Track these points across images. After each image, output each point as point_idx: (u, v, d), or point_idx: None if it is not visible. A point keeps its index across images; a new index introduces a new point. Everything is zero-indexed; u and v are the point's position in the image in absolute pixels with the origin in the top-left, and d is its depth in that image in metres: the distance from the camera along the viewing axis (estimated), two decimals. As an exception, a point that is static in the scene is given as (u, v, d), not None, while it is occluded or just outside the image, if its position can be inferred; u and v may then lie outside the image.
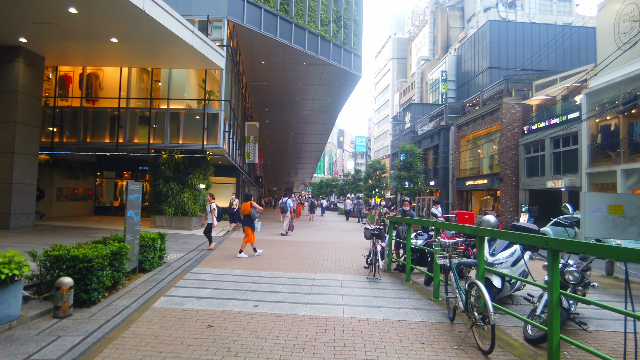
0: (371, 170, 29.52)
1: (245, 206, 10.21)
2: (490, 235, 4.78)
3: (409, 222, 7.66)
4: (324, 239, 14.95)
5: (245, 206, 10.22)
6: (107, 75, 16.45)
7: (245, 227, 10.25)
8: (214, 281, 6.87)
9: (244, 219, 10.31)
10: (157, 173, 15.75)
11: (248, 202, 10.23)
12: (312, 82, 23.53)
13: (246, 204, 10.23)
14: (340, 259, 10.12)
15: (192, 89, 16.68)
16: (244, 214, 10.24)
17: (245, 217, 10.24)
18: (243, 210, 10.26)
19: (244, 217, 10.33)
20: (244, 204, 10.31)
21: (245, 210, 10.19)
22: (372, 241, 8.19)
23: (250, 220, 10.19)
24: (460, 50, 54.93)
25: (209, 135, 15.47)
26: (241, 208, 10.42)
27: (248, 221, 10.20)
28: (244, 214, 10.28)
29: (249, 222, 10.20)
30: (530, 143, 24.53)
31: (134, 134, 15.63)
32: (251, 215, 10.13)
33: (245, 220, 10.28)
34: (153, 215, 15.86)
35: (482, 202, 31.93)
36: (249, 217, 10.16)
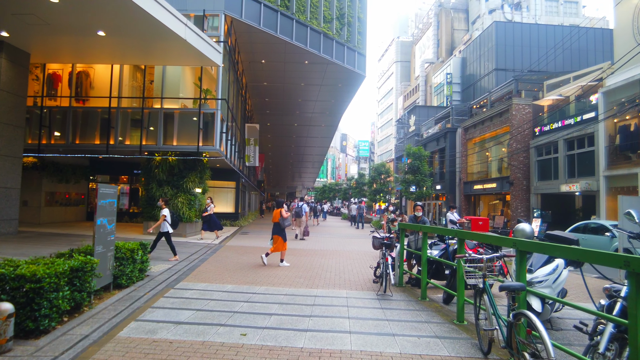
0: (375, 174, 28.54)
1: (276, 214, 9.83)
2: (537, 250, 3.82)
3: (426, 230, 6.68)
4: (326, 247, 13.98)
5: (275, 214, 9.86)
6: (98, 73, 15.62)
7: (274, 236, 9.73)
8: (199, 300, 5.92)
9: (274, 227, 9.82)
10: (150, 176, 14.87)
11: (278, 210, 9.86)
12: (315, 83, 22.66)
13: (276, 211, 9.88)
14: (345, 271, 9.16)
15: (188, 87, 15.82)
16: (274, 221, 9.84)
17: (275, 225, 9.79)
18: (273, 218, 9.90)
19: (273, 225, 9.85)
20: (274, 211, 9.99)
21: (276, 217, 9.79)
22: (382, 251, 7.23)
23: (279, 229, 9.70)
24: (465, 52, 54.07)
25: (205, 136, 14.59)
26: (272, 215, 10.04)
27: (277, 230, 9.73)
28: (273, 221, 9.86)
29: (279, 230, 9.71)
30: (542, 145, 23.52)
31: (126, 135, 14.77)
32: (280, 224, 9.67)
33: (274, 228, 9.80)
34: (146, 221, 14.95)
35: (490, 206, 30.89)
36: (278, 225, 9.70)
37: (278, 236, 9.68)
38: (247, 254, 11.36)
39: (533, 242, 3.84)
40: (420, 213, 7.73)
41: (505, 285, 3.40)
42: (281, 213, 9.73)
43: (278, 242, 9.67)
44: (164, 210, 9.84)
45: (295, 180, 69.12)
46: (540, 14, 58.62)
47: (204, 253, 11.05)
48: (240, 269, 8.75)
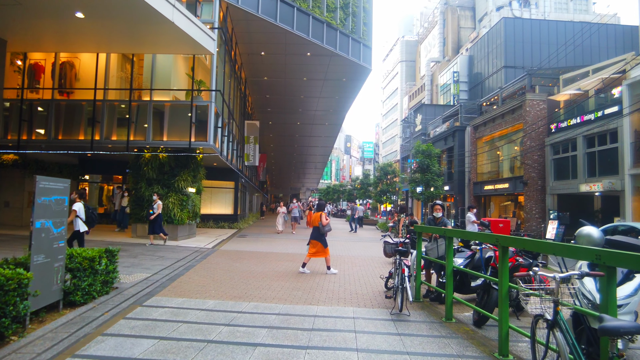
0: (381, 174, 27.28)
1: (315, 217, 8.88)
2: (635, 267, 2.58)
3: (452, 235, 5.45)
4: (330, 251, 12.73)
5: (315, 217, 8.89)
6: (84, 64, 14.51)
7: (312, 241, 8.78)
8: (168, 322, 4.72)
9: (313, 231, 8.86)
10: (139, 175, 13.73)
11: (318, 213, 8.86)
12: (318, 77, 21.48)
13: (316, 214, 8.89)
14: (350, 280, 7.93)
15: (180, 79, 14.70)
16: (313, 225, 8.89)
17: (314, 230, 8.85)
18: (312, 222, 9.00)
19: (312, 230, 8.92)
20: (314, 214, 8.98)
21: (315, 221, 8.85)
22: (395, 260, 6.02)
23: (319, 234, 8.74)
24: (473, 50, 52.81)
25: (197, 131, 13.43)
26: (311, 219, 9.11)
27: (317, 234, 8.76)
28: (312, 225, 8.96)
29: (318, 235, 8.75)
30: (558, 143, 22.18)
31: (113, 130, 13.64)
32: (320, 229, 8.73)
33: (313, 233, 8.83)
34: (134, 224, 13.82)
35: (501, 208, 29.53)
36: (318, 230, 8.76)
37: (317, 241, 8.72)
38: (241, 259, 10.17)
39: (629, 255, 2.61)
40: (440, 214, 6.50)
41: (613, 326, 2.16)
42: (321, 217, 8.74)
43: (318, 247, 8.70)
44: (76, 204, 8.26)
45: (299, 182, 68.00)
46: (550, 11, 57.24)
47: (193, 259, 9.86)
48: (230, 279, 7.55)
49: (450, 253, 5.27)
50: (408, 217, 11.60)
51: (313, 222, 8.92)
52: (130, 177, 14.01)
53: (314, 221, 8.86)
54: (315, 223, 8.79)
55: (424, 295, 6.57)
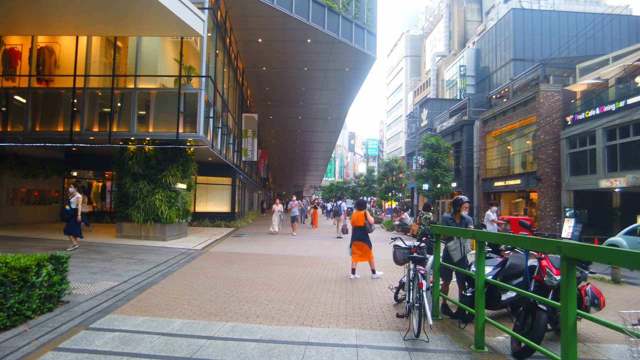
0: (387, 170, 26.04)
1: (358, 216, 8.11)
2: None
3: (484, 238, 4.23)
4: (328, 253, 11.58)
5: (357, 216, 8.12)
6: (64, 50, 13.42)
7: (358, 242, 8.01)
8: (110, 355, 3.57)
9: (356, 232, 8.08)
10: (123, 170, 12.62)
11: (362, 212, 8.16)
12: (319, 67, 20.27)
13: (359, 213, 8.14)
14: (353, 290, 6.76)
15: (168, 65, 13.55)
16: (357, 225, 8.07)
17: (358, 231, 8.07)
18: (355, 221, 8.12)
19: (355, 230, 8.12)
20: (357, 213, 8.20)
21: (359, 221, 8.06)
22: (408, 269, 4.85)
23: (365, 234, 8.04)
24: (480, 43, 51.38)
25: (185, 121, 12.29)
26: (353, 218, 8.21)
27: (362, 235, 8.03)
28: (356, 225, 8.10)
29: (363, 236, 8.03)
30: (575, 136, 20.85)
31: (94, 120, 12.51)
32: (367, 228, 8.05)
33: (357, 233, 8.05)
34: (119, 223, 12.72)
35: (512, 205, 28.23)
36: (363, 230, 8.03)
37: (364, 243, 7.96)
38: (230, 263, 9.02)
39: None
40: (466, 212, 5.30)
41: None
42: (366, 216, 8.05)
43: (364, 249, 7.96)
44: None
45: (302, 179, 66.85)
46: (559, 2, 55.57)
47: (175, 263, 8.73)
48: (211, 289, 6.40)
49: (481, 262, 4.08)
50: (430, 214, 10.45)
51: (356, 222, 8.08)
52: (114, 172, 12.88)
53: (357, 221, 8.06)
54: (359, 223, 8.04)
55: (441, 309, 5.38)
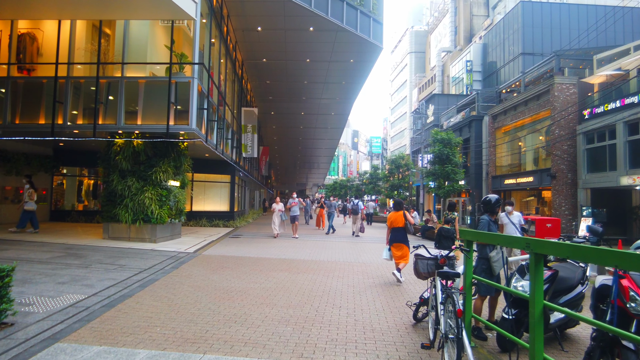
0: (393, 167, 24.97)
1: (397, 217, 7.76)
2: None
3: (544, 250, 3.18)
4: (333, 257, 10.57)
5: (397, 217, 7.76)
6: (47, 37, 12.44)
7: (397, 244, 7.68)
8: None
9: (395, 233, 7.73)
10: (111, 166, 11.65)
11: (400, 212, 7.82)
12: (322, 58, 19.24)
13: (398, 214, 7.79)
14: (363, 304, 5.76)
15: (159, 52, 12.56)
16: (397, 226, 7.72)
17: (397, 232, 7.72)
18: (395, 222, 7.75)
19: (394, 231, 7.75)
20: (395, 214, 7.83)
21: (398, 222, 7.73)
22: (434, 285, 3.85)
23: (404, 236, 7.74)
24: (487, 38, 50.19)
25: (177, 113, 11.31)
26: (392, 219, 7.83)
27: (402, 236, 7.71)
28: (395, 226, 7.74)
29: (405, 237, 7.75)
30: (593, 130, 19.72)
31: (78, 112, 11.55)
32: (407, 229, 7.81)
33: (397, 235, 7.71)
34: (106, 223, 11.76)
35: (523, 204, 27.11)
36: (403, 231, 7.73)
37: (404, 244, 7.69)
38: (223, 269, 8.03)
39: None
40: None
41: None
42: (406, 216, 7.78)
43: (404, 250, 7.69)
44: None
45: (305, 177, 65.88)
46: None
47: (160, 270, 7.75)
48: (194, 303, 5.41)
49: (539, 281, 3.05)
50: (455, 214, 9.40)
51: (395, 223, 7.74)
52: (101, 168, 11.92)
53: (397, 222, 7.74)
54: (398, 223, 7.73)
55: (474, 333, 4.36)
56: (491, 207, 4.73)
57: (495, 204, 4.76)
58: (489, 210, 4.77)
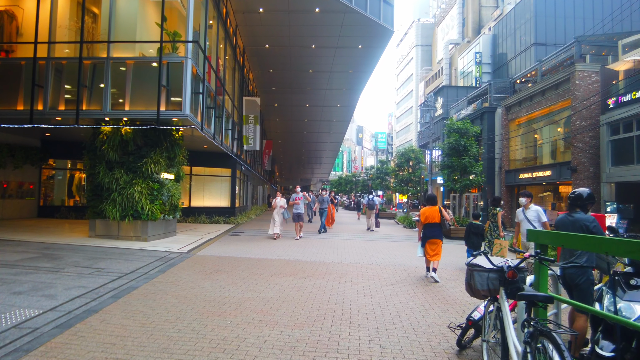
0: (403, 160, 23.73)
1: (433, 212, 7.37)
2: None
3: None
4: (343, 258, 9.42)
5: (432, 212, 7.37)
6: (29, 15, 11.30)
7: (433, 240, 7.27)
8: None
9: (430, 229, 7.33)
10: (97, 156, 10.56)
11: (435, 207, 7.44)
12: (328, 44, 18.02)
13: (433, 209, 7.41)
14: (387, 321, 4.61)
15: (150, 31, 11.40)
16: (431, 222, 7.34)
17: (433, 228, 7.32)
18: (429, 218, 7.36)
19: (428, 227, 7.35)
20: (430, 209, 7.43)
21: (434, 217, 7.34)
22: (496, 305, 2.71)
23: (439, 232, 7.34)
24: (497, 29, 48.69)
25: (169, 97, 10.17)
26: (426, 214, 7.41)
27: (437, 232, 7.32)
28: (430, 222, 7.36)
29: (439, 233, 7.33)
30: (618, 121, 18.42)
31: (59, 96, 10.44)
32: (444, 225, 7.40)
33: (432, 231, 7.30)
34: (92, 220, 10.68)
35: (537, 199, 25.83)
36: (439, 227, 7.34)
37: (440, 241, 7.29)
38: (217, 273, 6.91)
39: None
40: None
41: None
42: (442, 212, 7.35)
43: (438, 248, 7.29)
44: None
45: (309, 173, 64.73)
46: (582, -16, 52.36)
47: (144, 274, 6.64)
48: (175, 322, 4.29)
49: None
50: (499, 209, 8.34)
51: (430, 219, 7.33)
52: (87, 159, 10.82)
53: (432, 217, 7.32)
54: (434, 219, 7.32)
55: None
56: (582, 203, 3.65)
57: (587, 199, 3.69)
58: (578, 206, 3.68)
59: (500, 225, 8.36)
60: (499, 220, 8.39)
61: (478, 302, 4.41)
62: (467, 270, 3.13)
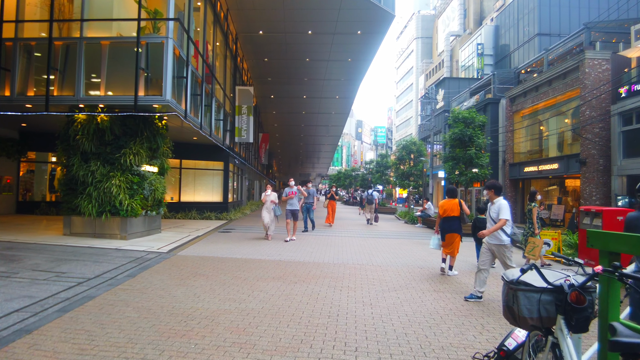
0: (404, 153, 22.81)
1: (452, 205, 7.09)
2: None
3: None
4: (340, 257, 8.54)
5: (451, 205, 7.09)
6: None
7: (450, 234, 6.98)
8: None
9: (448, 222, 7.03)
10: (71, 147, 9.66)
11: (455, 200, 7.14)
12: (326, 30, 17.03)
13: (452, 202, 7.12)
14: (389, 346, 3.74)
15: (129, 10, 10.44)
16: (450, 215, 7.03)
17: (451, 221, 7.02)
18: (448, 211, 7.07)
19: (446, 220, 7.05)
20: (449, 202, 7.16)
21: (453, 210, 7.06)
22: (552, 339, 1.83)
23: (458, 226, 7.02)
24: (499, 19, 47.62)
25: (148, 81, 9.25)
26: (445, 207, 7.11)
27: (456, 226, 7.00)
28: (448, 215, 7.03)
29: (457, 227, 7.00)
30: (631, 110, 17.49)
31: (29, 81, 9.52)
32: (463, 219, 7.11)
33: (451, 224, 7.00)
34: (67, 216, 9.79)
35: (543, 193, 24.97)
36: (457, 221, 7.04)
37: (457, 234, 6.97)
38: (195, 277, 6.02)
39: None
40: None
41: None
42: (461, 205, 7.08)
43: (456, 242, 6.97)
44: None
45: (308, 167, 63.82)
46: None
47: (110, 279, 5.76)
48: (124, 346, 3.41)
49: None
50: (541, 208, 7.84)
51: (449, 212, 7.03)
52: (60, 150, 9.91)
53: (451, 210, 7.03)
54: (453, 212, 7.02)
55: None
56: None
57: None
58: None
59: (535, 222, 7.65)
60: (533, 216, 7.70)
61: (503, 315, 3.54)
62: (508, 290, 2.25)
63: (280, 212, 10.96)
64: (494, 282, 6.43)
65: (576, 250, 9.13)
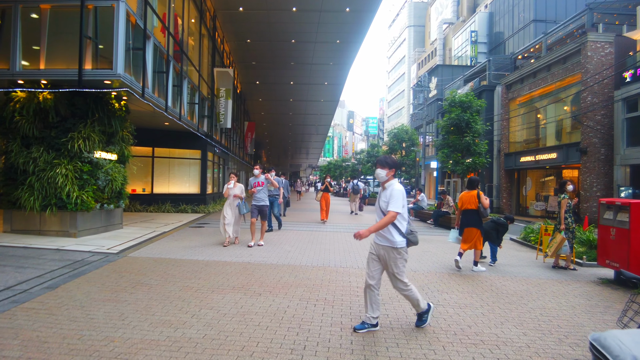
0: (395, 142, 21.62)
1: (470, 197, 6.39)
2: None
3: None
4: (319, 258, 7.33)
5: (469, 197, 6.40)
6: None
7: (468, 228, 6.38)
8: None
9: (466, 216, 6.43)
10: (9, 130, 8.29)
11: (474, 192, 6.42)
12: (312, 7, 15.66)
13: (470, 193, 6.42)
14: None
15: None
16: (468, 208, 6.39)
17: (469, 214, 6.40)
18: (466, 203, 6.40)
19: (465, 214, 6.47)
20: (468, 193, 6.45)
21: (471, 203, 6.37)
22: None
23: (477, 219, 6.35)
24: (493, 6, 46.49)
25: (97, 53, 7.89)
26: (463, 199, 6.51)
27: (474, 219, 6.35)
28: (466, 208, 6.42)
29: (476, 221, 6.35)
30: (635, 96, 16.48)
31: (-45, 52, 8.11)
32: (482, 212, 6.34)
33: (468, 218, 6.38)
34: (7, 210, 8.46)
35: (539, 184, 24.05)
36: (476, 214, 6.36)
37: (477, 229, 6.40)
38: (134, 289, 4.77)
39: None
40: None
41: None
42: (480, 197, 6.38)
43: (476, 237, 6.40)
44: None
45: (298, 158, 62.55)
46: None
47: (20, 292, 4.50)
48: None
49: None
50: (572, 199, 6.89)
51: (467, 204, 6.52)
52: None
53: (469, 202, 6.50)
54: (471, 205, 6.47)
55: None
56: None
57: None
58: None
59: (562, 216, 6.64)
60: (562, 209, 6.66)
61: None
62: None
63: (246, 210, 8.61)
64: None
65: (589, 248, 8.06)
